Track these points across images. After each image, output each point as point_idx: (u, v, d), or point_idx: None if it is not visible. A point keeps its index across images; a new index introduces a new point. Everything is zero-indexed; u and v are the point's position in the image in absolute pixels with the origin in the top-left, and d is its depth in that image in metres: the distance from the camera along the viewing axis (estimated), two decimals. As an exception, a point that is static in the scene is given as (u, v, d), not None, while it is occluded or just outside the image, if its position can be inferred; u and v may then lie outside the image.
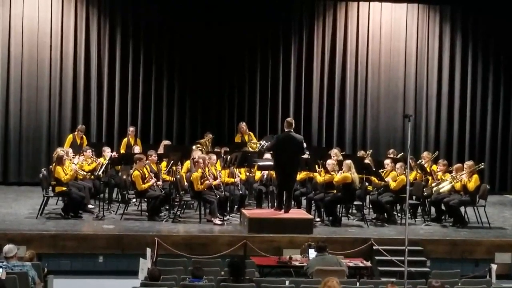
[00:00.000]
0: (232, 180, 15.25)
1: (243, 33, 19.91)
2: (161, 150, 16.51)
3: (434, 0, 20.49)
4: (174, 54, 19.86)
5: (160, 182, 14.79)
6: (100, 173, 15.33)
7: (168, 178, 15.33)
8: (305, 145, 14.63)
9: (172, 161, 15.29)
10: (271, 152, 14.86)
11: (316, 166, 15.08)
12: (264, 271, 11.68)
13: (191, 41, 19.71)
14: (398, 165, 15.06)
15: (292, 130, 14.15)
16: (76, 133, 17.66)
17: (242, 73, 20.11)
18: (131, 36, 19.72)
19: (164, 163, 15.63)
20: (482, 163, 16.12)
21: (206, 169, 14.66)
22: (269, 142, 15.33)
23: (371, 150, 18.22)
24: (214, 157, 15.28)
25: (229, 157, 15.16)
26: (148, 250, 11.84)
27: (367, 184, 15.43)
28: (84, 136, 17.72)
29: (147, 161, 15.04)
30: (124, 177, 15.31)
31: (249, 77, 20.12)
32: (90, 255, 13.09)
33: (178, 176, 15.06)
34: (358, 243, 13.26)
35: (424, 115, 20.52)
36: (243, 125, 18.45)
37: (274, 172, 14.86)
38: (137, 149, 16.90)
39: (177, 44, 19.83)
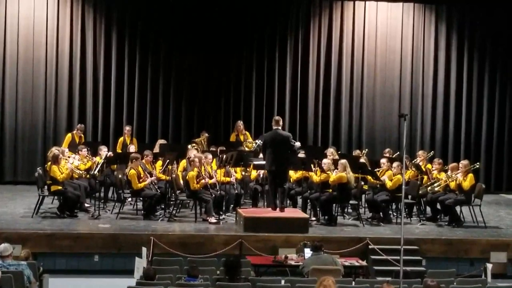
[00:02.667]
0: (227, 179, 15.26)
1: (240, 32, 19.93)
2: (156, 149, 16.50)
3: (430, -1, 20.56)
4: (170, 53, 19.85)
5: (154, 178, 14.77)
6: (96, 172, 15.32)
7: (163, 177, 15.33)
8: (298, 144, 14.58)
9: (167, 160, 15.28)
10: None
11: (312, 165, 15.08)
12: (259, 270, 11.68)
13: (187, 40, 19.72)
14: (395, 164, 15.07)
15: (279, 127, 14.15)
16: (75, 132, 17.64)
17: (239, 73, 20.12)
18: (127, 35, 19.72)
19: (159, 162, 15.62)
20: (478, 163, 16.12)
21: (202, 168, 14.66)
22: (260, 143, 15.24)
23: (366, 150, 18.22)
24: (209, 156, 15.29)
25: (224, 156, 15.16)
26: (144, 249, 11.84)
27: (362, 183, 15.44)
28: (82, 135, 17.70)
29: (142, 161, 15.00)
30: (120, 176, 15.29)
31: (245, 76, 20.12)
32: (86, 254, 13.07)
33: (174, 175, 15.06)
34: (353, 243, 13.26)
35: (419, 115, 20.55)
36: (240, 123, 18.42)
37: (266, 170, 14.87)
38: (132, 148, 16.87)
39: (173, 43, 19.83)
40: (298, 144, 14.63)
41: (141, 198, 14.87)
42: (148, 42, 19.78)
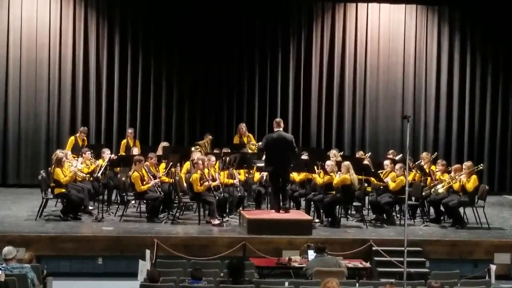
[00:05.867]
0: (231, 181, 15.26)
1: (242, 35, 19.98)
2: (160, 152, 16.50)
3: (432, 1, 20.52)
4: (173, 55, 19.88)
5: (157, 180, 14.79)
6: (99, 175, 15.33)
7: (167, 179, 15.33)
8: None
9: (171, 163, 15.28)
10: (263, 151, 14.84)
11: (315, 167, 15.08)
12: (263, 272, 11.68)
13: (190, 42, 19.74)
14: (398, 166, 15.05)
15: (281, 129, 14.16)
16: (78, 135, 17.63)
17: (241, 75, 20.14)
18: (130, 37, 19.75)
19: (163, 165, 15.63)
20: (481, 164, 16.12)
21: (206, 170, 14.66)
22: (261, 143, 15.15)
23: (370, 153, 18.17)
24: (213, 158, 15.29)
25: (228, 158, 15.16)
26: (147, 252, 11.84)
27: (366, 185, 15.43)
28: (85, 138, 17.70)
29: (146, 163, 15.01)
30: (123, 178, 15.30)
31: (248, 78, 20.14)
32: (89, 257, 13.06)
33: (177, 178, 15.06)
34: (357, 244, 13.26)
35: (422, 116, 20.55)
36: (243, 126, 18.40)
37: (267, 172, 14.86)
38: (135, 150, 16.88)
39: (176, 45, 19.86)
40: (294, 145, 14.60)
41: (144, 201, 14.87)
42: (151, 45, 19.81)
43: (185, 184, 14.96)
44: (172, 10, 19.62)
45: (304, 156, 15.77)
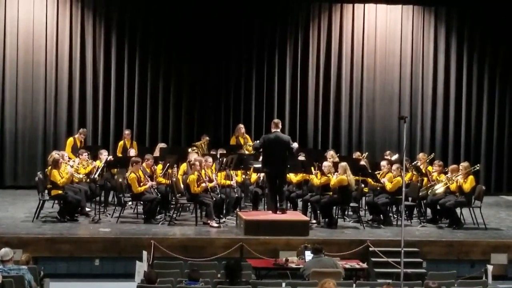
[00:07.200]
0: (228, 182, 15.26)
1: (239, 36, 19.97)
2: (157, 153, 16.49)
3: (429, 1, 20.54)
4: (170, 56, 19.87)
5: (154, 183, 14.79)
6: (96, 176, 15.33)
7: (164, 181, 15.32)
8: (296, 145, 14.60)
9: (168, 164, 15.28)
10: (258, 151, 14.85)
11: (312, 168, 15.08)
12: (260, 273, 11.67)
13: (187, 44, 19.74)
14: (394, 166, 15.07)
15: (278, 130, 14.18)
16: (77, 136, 17.59)
17: (238, 76, 20.13)
18: (127, 38, 19.75)
19: (160, 166, 15.62)
20: (478, 165, 16.13)
21: (203, 171, 14.66)
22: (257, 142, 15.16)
23: (367, 153, 18.20)
24: (210, 159, 15.29)
25: (225, 159, 15.16)
26: (145, 253, 11.84)
27: (363, 185, 15.44)
28: (83, 140, 17.67)
29: (142, 165, 15.00)
30: (120, 180, 15.28)
31: (245, 79, 20.13)
32: (87, 258, 13.05)
33: (174, 179, 15.06)
34: (354, 245, 13.26)
35: (419, 117, 20.57)
36: (241, 126, 18.39)
37: (264, 173, 14.86)
38: (132, 152, 16.87)
39: (173, 46, 19.85)
40: (295, 145, 14.63)
41: (141, 202, 14.87)
42: (148, 46, 19.81)
43: (182, 186, 14.96)
44: (171, 10, 19.62)
45: (301, 157, 15.77)
